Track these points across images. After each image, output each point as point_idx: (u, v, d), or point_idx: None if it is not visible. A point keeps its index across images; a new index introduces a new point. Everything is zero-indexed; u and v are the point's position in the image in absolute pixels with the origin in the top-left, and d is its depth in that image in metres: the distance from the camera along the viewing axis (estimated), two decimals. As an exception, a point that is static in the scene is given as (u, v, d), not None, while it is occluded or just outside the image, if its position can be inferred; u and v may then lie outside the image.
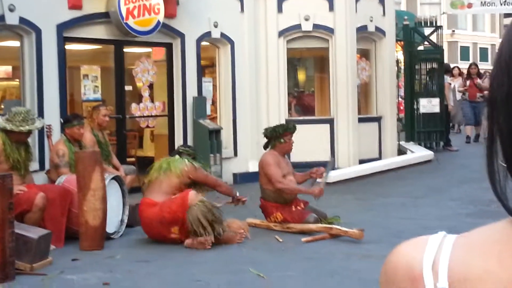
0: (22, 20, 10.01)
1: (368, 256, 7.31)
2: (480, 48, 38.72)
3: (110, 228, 7.88)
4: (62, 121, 9.38)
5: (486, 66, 33.30)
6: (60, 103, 10.42)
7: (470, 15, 35.28)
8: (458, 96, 18.70)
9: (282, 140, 8.71)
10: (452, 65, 21.12)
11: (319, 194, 8.47)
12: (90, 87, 11.30)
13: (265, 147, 8.93)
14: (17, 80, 10.99)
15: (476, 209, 9.88)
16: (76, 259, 7.13)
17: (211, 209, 7.56)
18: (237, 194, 8.25)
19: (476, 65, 19.00)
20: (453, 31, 35.87)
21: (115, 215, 7.92)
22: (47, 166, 9.57)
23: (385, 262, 1.05)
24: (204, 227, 7.45)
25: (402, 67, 17.40)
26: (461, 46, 37.14)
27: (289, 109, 14.01)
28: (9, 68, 11.79)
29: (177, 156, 8.01)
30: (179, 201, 7.57)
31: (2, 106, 10.78)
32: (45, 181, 9.03)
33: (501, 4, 18.19)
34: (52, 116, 10.00)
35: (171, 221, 7.55)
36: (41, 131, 9.62)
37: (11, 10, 9.84)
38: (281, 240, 8.00)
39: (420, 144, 16.23)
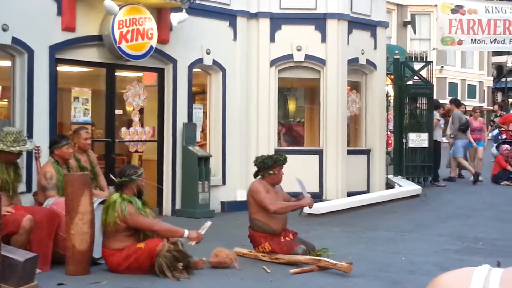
0: (15, 40, 9.98)
1: (356, 290, 7.27)
2: (468, 85, 39.02)
3: (96, 253, 7.77)
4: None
5: (473, 103, 33.48)
6: (49, 124, 10.35)
7: (459, 52, 35.57)
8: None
9: (271, 172, 8.69)
10: (441, 101, 20.85)
11: (311, 202, 8.69)
12: (81, 109, 11.24)
13: (255, 175, 8.89)
14: (7, 100, 10.92)
15: (463, 245, 9.87)
16: (62, 284, 7.02)
17: (178, 257, 7.45)
18: (186, 233, 7.55)
19: None
20: (442, 67, 36.12)
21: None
22: (34, 188, 9.45)
23: None
24: (172, 273, 7.35)
25: (392, 101, 17.45)
26: (449, 82, 37.40)
27: (279, 138, 14.00)
28: (-1, 88, 11.71)
29: (116, 197, 7.61)
30: (147, 253, 7.41)
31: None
32: (32, 203, 8.92)
33: (491, 42, 18.36)
34: (41, 137, 9.90)
35: (138, 271, 7.45)
36: (29, 152, 9.53)
37: (4, 29, 9.81)
38: (269, 271, 7.92)
39: (408, 179, 16.23)
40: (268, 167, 8.69)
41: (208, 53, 12.74)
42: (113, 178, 7.92)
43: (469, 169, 17.71)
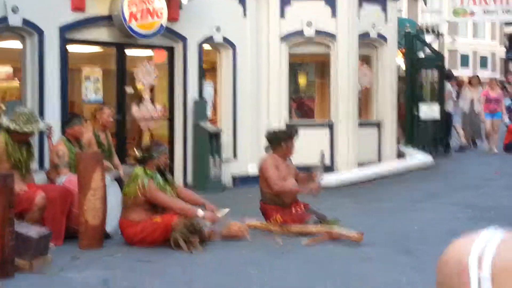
0: (25, 21, 10.03)
1: (367, 259, 7.32)
2: (480, 56, 38.75)
3: (109, 227, 7.89)
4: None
5: (486, 74, 33.27)
6: (61, 104, 10.44)
7: (471, 23, 35.33)
8: (476, 107, 18.24)
9: (282, 145, 8.73)
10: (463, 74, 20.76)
11: (316, 190, 8.56)
12: (92, 88, 11.32)
13: (267, 149, 8.95)
14: (18, 80, 11.00)
15: (475, 214, 9.88)
16: (76, 258, 7.14)
17: (193, 231, 7.56)
18: (200, 212, 7.70)
19: None
20: (454, 39, 35.88)
21: (115, 215, 7.92)
22: (46, 166, 9.59)
23: (440, 256, 1.07)
24: (188, 246, 7.46)
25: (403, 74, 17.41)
26: (461, 54, 37.17)
27: (290, 112, 14.01)
28: (10, 69, 11.81)
29: (138, 170, 7.79)
30: (162, 227, 7.57)
31: (3, 107, 10.79)
32: (44, 181, 9.03)
33: (503, 13, 18.25)
34: (53, 116, 10.02)
35: (152, 244, 7.58)
36: (41, 132, 9.63)
37: (14, 11, 9.86)
38: (281, 242, 8.00)
39: (419, 150, 16.22)
40: (279, 140, 8.74)
41: (218, 30, 12.74)
42: (136, 152, 8.05)
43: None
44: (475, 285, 0.94)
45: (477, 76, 19.67)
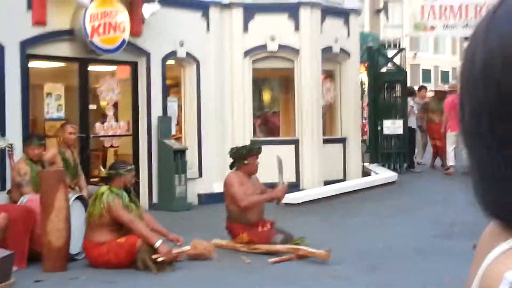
0: (-15, 36, 9.84)
1: (335, 277, 7.31)
2: (441, 71, 39.27)
3: (74, 249, 7.73)
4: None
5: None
6: (22, 121, 10.24)
7: (432, 38, 35.79)
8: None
9: (246, 162, 8.69)
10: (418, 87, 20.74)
11: (283, 193, 8.69)
12: (54, 105, 11.15)
13: (231, 167, 8.89)
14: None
15: (440, 230, 9.91)
16: (39, 281, 6.98)
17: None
18: (158, 244, 7.41)
19: None
20: (415, 54, 36.30)
21: (79, 236, 7.77)
22: (8, 185, 9.37)
23: None
24: (156, 266, 7.36)
25: (366, 89, 17.48)
26: (422, 69, 37.64)
27: (254, 129, 13.96)
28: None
29: (104, 189, 7.67)
30: (127, 248, 7.45)
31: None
32: (6, 201, 8.84)
33: (462, 28, 18.45)
34: (14, 134, 9.80)
35: (117, 265, 7.44)
36: (2, 150, 9.44)
37: (-27, 26, 9.67)
38: (248, 261, 7.94)
39: (384, 166, 16.28)
40: (242, 157, 8.70)
41: (181, 45, 12.66)
42: (102, 169, 7.94)
43: None
44: None
45: (424, 86, 19.63)
